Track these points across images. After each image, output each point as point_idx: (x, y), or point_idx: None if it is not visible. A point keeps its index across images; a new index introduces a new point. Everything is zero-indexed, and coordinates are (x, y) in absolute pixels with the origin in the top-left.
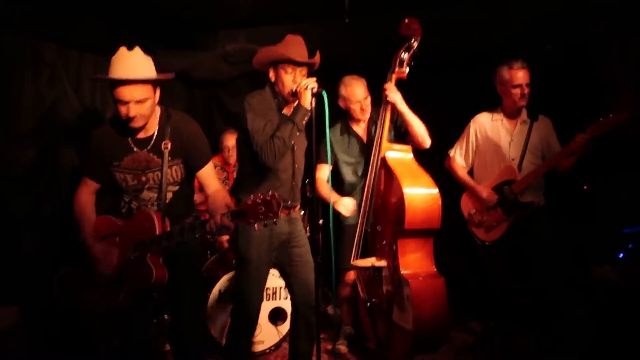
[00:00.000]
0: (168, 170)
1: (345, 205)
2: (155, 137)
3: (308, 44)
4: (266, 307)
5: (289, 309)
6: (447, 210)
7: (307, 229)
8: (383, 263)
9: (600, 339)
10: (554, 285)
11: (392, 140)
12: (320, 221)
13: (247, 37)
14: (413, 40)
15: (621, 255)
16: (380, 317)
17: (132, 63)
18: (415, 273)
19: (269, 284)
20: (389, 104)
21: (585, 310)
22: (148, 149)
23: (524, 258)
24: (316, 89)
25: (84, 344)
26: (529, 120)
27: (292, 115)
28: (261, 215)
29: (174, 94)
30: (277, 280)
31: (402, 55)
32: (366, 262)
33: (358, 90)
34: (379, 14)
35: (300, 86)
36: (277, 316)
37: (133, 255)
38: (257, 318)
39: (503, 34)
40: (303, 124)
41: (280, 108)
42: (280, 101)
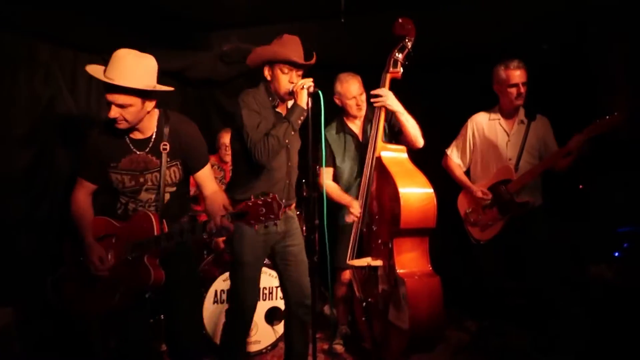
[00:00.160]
0: (166, 171)
1: (354, 210)
2: (153, 139)
3: (304, 43)
4: (262, 307)
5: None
6: (443, 209)
7: (303, 228)
8: (379, 262)
9: (596, 338)
10: (550, 285)
11: (386, 140)
12: (316, 221)
13: (244, 37)
14: (407, 40)
15: (617, 254)
16: (376, 317)
17: (122, 68)
18: (411, 272)
19: (266, 284)
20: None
21: (582, 309)
22: (146, 150)
23: (520, 257)
24: (312, 88)
25: (80, 345)
26: (527, 120)
27: (288, 115)
28: (262, 217)
29: (169, 93)
30: (274, 280)
31: (397, 55)
32: (362, 262)
33: (353, 86)
34: (375, 14)
35: (297, 86)
36: (274, 316)
37: (130, 256)
38: (252, 318)
39: (500, 33)
40: (298, 123)
41: (275, 106)
42: (275, 99)
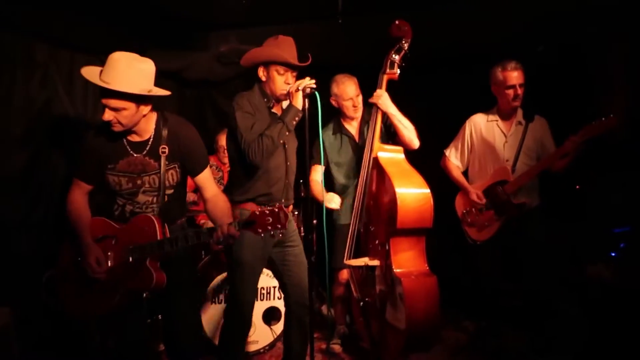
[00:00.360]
0: (165, 174)
1: (331, 201)
2: (151, 141)
3: (302, 44)
4: (260, 307)
5: (283, 309)
6: (441, 209)
7: (301, 229)
8: (376, 262)
9: (593, 339)
10: (547, 285)
11: (383, 141)
12: (314, 221)
13: (241, 38)
14: (404, 42)
15: (613, 254)
16: (373, 317)
17: (117, 71)
18: (408, 272)
19: (263, 284)
20: (374, 103)
21: (579, 309)
22: (144, 153)
23: (517, 258)
24: (309, 90)
25: (78, 345)
26: (524, 121)
27: (283, 115)
28: (269, 226)
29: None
30: (271, 280)
31: (393, 56)
32: (359, 262)
33: (350, 88)
34: (372, 15)
35: (293, 87)
36: (272, 316)
37: (132, 258)
38: (251, 318)
39: (498, 34)
40: (293, 124)
41: (269, 107)
42: (270, 100)
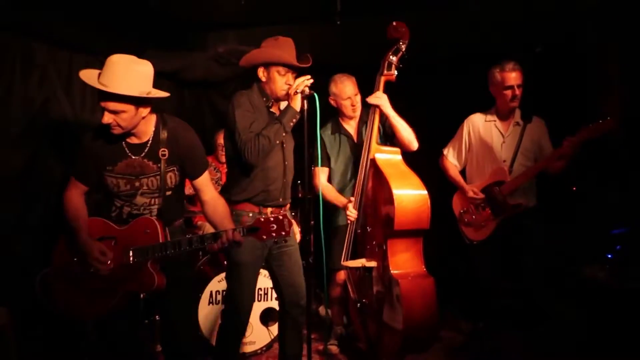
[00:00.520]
0: (164, 176)
1: (351, 214)
2: (150, 144)
3: (300, 45)
4: (258, 308)
5: None
6: (439, 210)
7: (300, 233)
8: (373, 263)
9: (590, 339)
10: (544, 286)
11: (381, 142)
12: (311, 222)
13: (239, 38)
14: (401, 43)
15: (610, 256)
16: (370, 318)
17: (115, 74)
18: (405, 273)
19: (261, 285)
20: (372, 104)
21: (575, 310)
22: (142, 155)
23: (513, 258)
24: (307, 91)
25: (76, 345)
26: (522, 122)
27: (281, 116)
28: (273, 233)
29: None
30: (269, 280)
31: (391, 58)
32: (356, 263)
33: (348, 87)
34: (370, 16)
35: (292, 89)
36: (269, 317)
37: (132, 260)
38: (248, 319)
39: (496, 35)
40: (290, 125)
41: (268, 107)
42: (269, 100)
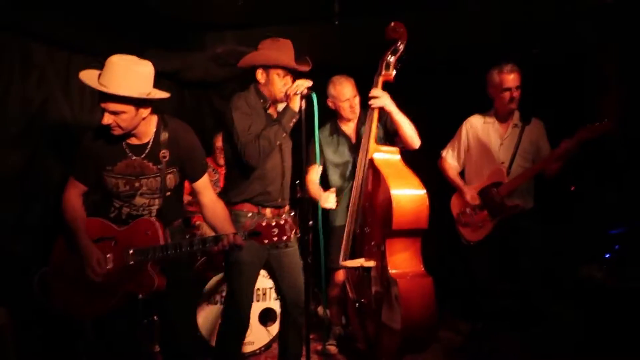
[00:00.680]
0: (165, 177)
1: (327, 200)
2: (150, 144)
3: (298, 46)
4: (256, 308)
5: (279, 310)
6: (437, 210)
7: (297, 230)
8: (372, 263)
9: (587, 339)
10: (541, 286)
11: (381, 142)
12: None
13: (237, 39)
14: (399, 44)
15: (607, 256)
16: (369, 318)
17: (115, 75)
18: (404, 273)
19: (259, 285)
20: (376, 107)
21: (573, 310)
22: (143, 156)
23: (511, 259)
24: (306, 92)
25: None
26: (521, 123)
27: (280, 117)
28: (274, 237)
29: None
30: (267, 281)
31: (389, 58)
32: (355, 263)
33: (347, 89)
34: (368, 16)
35: (291, 90)
36: (267, 317)
37: (132, 261)
38: (248, 319)
39: (495, 36)
40: (290, 126)
41: (266, 108)
42: (266, 101)
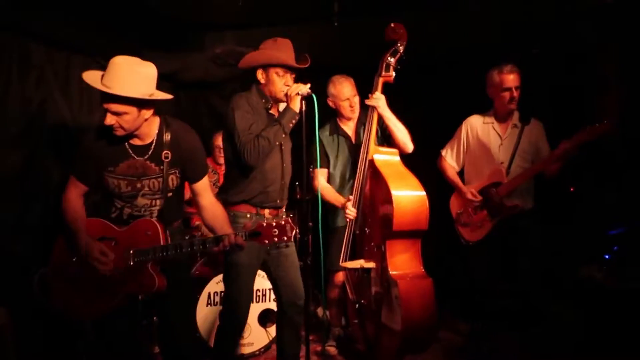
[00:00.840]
0: (167, 178)
1: (348, 211)
2: (153, 145)
3: (298, 46)
4: (256, 309)
5: None
6: (437, 211)
7: (297, 230)
8: (372, 264)
9: (588, 339)
10: (540, 287)
11: (379, 143)
12: (309, 223)
13: (236, 39)
14: (399, 45)
15: (607, 256)
16: (369, 319)
17: (118, 76)
18: (404, 274)
19: (259, 286)
20: (369, 105)
21: (573, 310)
22: (145, 157)
23: (510, 259)
24: (306, 92)
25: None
26: (520, 124)
27: (280, 117)
28: (275, 238)
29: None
30: (267, 282)
31: (389, 59)
32: (355, 264)
33: (347, 88)
34: (368, 17)
35: (292, 90)
36: (267, 318)
37: (133, 262)
38: (246, 320)
39: (494, 36)
40: (290, 126)
41: (267, 108)
42: (268, 101)
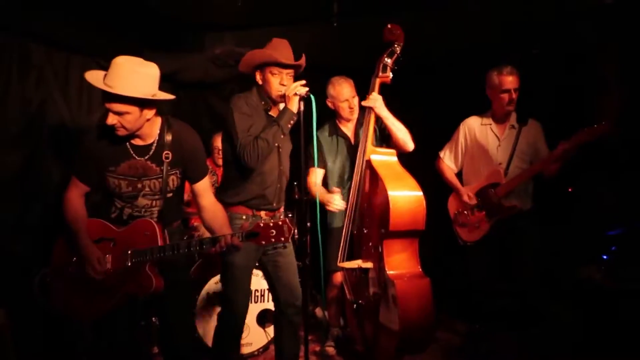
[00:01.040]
0: (167, 179)
1: (334, 203)
2: (155, 146)
3: (297, 46)
4: (254, 309)
5: None
6: (435, 211)
7: (295, 231)
8: (369, 265)
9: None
10: (539, 287)
11: (377, 144)
12: (308, 224)
13: (236, 40)
14: (396, 46)
15: (605, 257)
16: (367, 319)
17: (120, 76)
18: (401, 274)
19: (258, 286)
20: (366, 106)
21: (571, 311)
22: (146, 157)
23: (508, 260)
24: (304, 93)
25: (73, 346)
26: (518, 125)
27: (278, 118)
28: (272, 239)
29: None
30: (265, 282)
31: (386, 60)
32: (353, 264)
33: (346, 89)
34: (367, 17)
35: (289, 90)
36: (266, 318)
37: (131, 262)
38: (244, 320)
39: (493, 37)
40: (288, 127)
41: (267, 110)
42: (267, 103)
